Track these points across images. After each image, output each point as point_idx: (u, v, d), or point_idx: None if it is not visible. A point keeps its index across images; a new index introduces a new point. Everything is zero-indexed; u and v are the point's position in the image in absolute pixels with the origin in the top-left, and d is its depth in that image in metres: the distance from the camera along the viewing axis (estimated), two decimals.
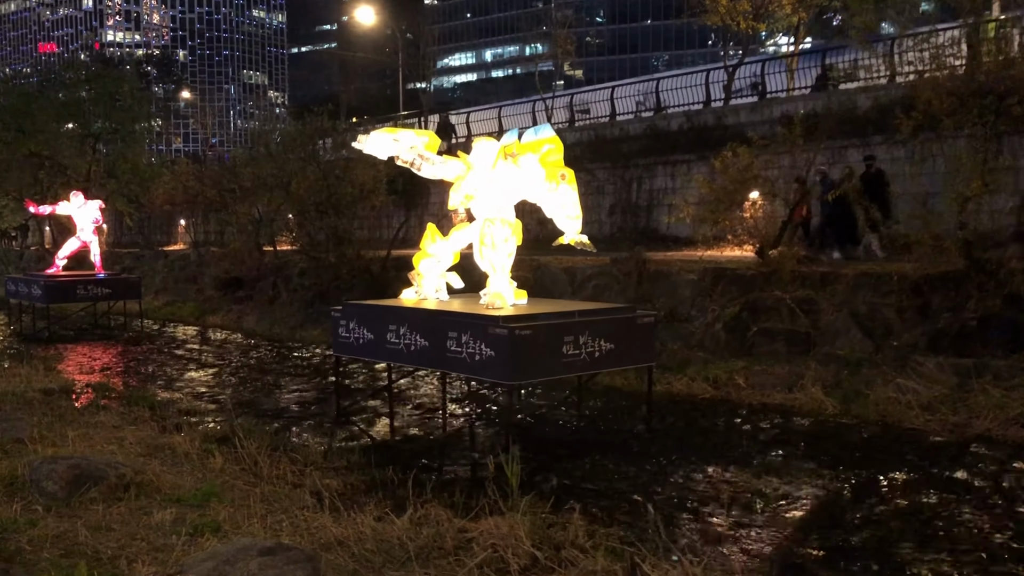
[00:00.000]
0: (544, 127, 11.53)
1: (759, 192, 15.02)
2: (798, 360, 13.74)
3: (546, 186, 10.85)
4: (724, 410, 12.42)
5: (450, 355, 10.46)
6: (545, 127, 11.53)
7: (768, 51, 59.54)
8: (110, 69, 39.48)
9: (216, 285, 28.38)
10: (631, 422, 12.02)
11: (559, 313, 10.56)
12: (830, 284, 14.54)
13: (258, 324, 23.81)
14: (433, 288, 12.24)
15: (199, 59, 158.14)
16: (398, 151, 11.64)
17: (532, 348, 9.92)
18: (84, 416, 11.64)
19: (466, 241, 11.92)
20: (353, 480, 8.93)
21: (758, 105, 21.76)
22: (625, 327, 10.90)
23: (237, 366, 17.84)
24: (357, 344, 11.94)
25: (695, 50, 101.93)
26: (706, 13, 25.09)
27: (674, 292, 16.30)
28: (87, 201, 24.16)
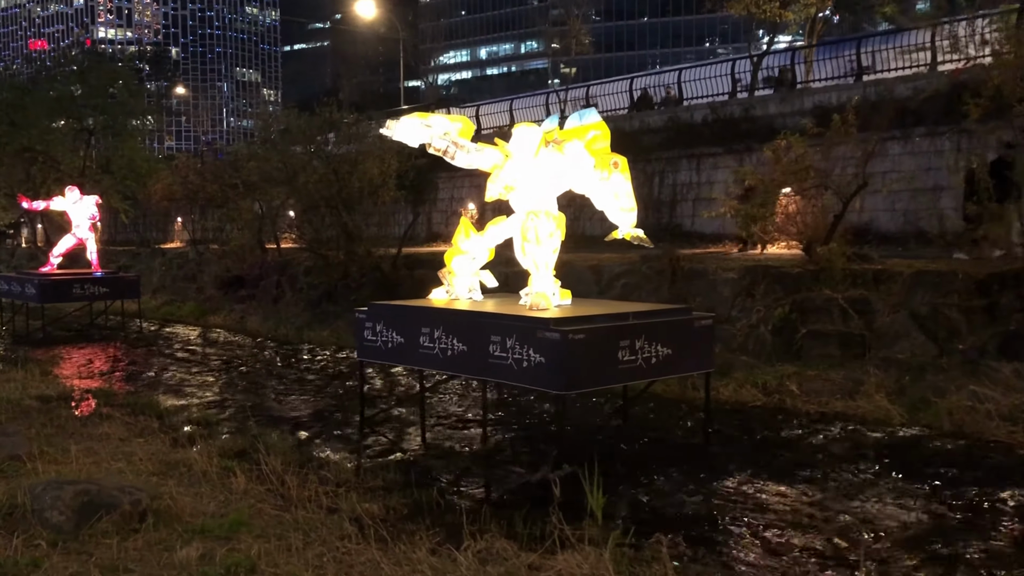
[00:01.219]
0: (589, 112, 10.56)
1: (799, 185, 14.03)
2: (853, 365, 12.81)
3: (596, 175, 9.88)
4: (781, 420, 11.48)
5: (493, 361, 9.48)
6: (591, 112, 10.56)
7: (778, 44, 58.87)
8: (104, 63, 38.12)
9: (217, 284, 27.34)
10: (685, 433, 11.07)
11: (612, 315, 9.60)
12: (884, 283, 13.59)
13: (262, 325, 22.79)
14: (466, 287, 11.25)
15: (192, 56, 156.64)
16: (430, 138, 10.66)
17: (586, 354, 8.95)
18: (87, 427, 10.64)
19: (503, 236, 10.93)
20: (394, 503, 7.95)
21: (788, 96, 20.82)
22: (683, 330, 9.93)
23: (245, 370, 16.83)
24: (385, 348, 10.94)
25: (691, 48, 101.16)
26: (730, 1, 24.16)
27: (712, 292, 15.35)
28: (83, 196, 23.12)
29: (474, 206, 27.01)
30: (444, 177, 27.54)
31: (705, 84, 24.19)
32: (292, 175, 20.90)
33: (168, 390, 14.55)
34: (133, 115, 35.10)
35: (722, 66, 24.66)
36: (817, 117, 19.74)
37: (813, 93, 20.21)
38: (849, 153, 14.54)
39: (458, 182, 27.60)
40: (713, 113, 21.76)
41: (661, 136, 22.51)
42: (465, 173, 27.50)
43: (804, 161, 13.67)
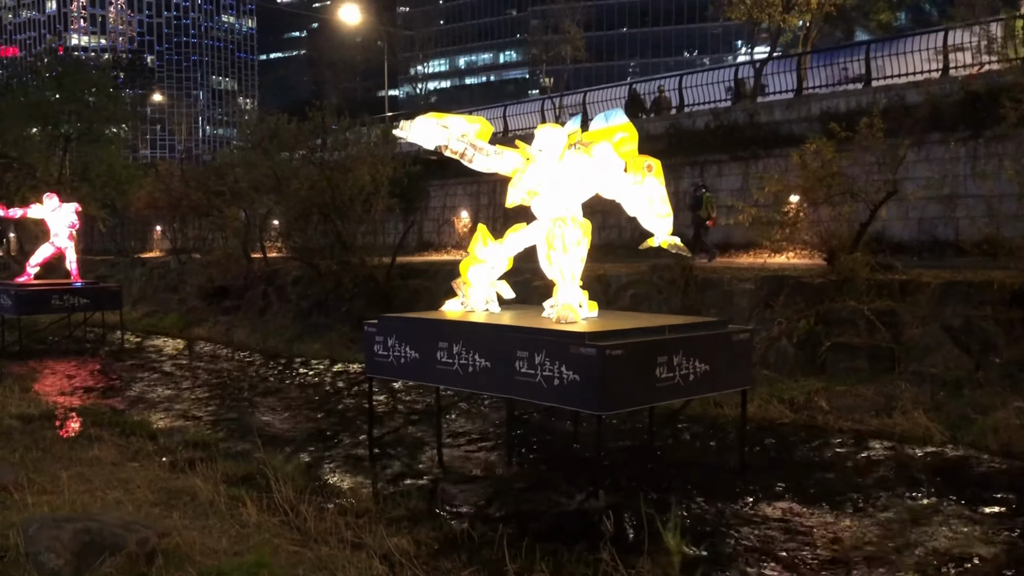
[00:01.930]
0: (616, 112, 9.95)
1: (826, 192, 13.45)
2: (884, 379, 12.24)
3: (628, 179, 9.27)
4: (815, 438, 10.88)
5: (520, 379, 8.80)
6: (617, 112, 9.95)
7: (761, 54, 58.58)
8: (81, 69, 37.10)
9: (200, 294, 26.44)
10: (718, 454, 10.44)
11: (647, 329, 8.96)
12: (911, 294, 13.05)
13: (250, 337, 21.95)
14: (482, 299, 10.58)
15: (167, 64, 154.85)
16: (447, 139, 9.99)
17: (624, 371, 8.29)
18: (75, 450, 9.85)
19: (524, 244, 10.27)
20: (423, 536, 7.24)
21: (794, 102, 20.34)
22: (721, 345, 9.31)
23: (236, 385, 16.04)
24: (398, 364, 10.23)
25: (671, 57, 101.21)
26: (731, 6, 23.70)
27: (728, 303, 14.75)
28: (62, 204, 22.22)
29: (467, 214, 26.36)
30: (436, 185, 26.86)
31: (703, 91, 23.69)
32: (283, 182, 20.11)
33: (158, 408, 13.74)
34: (112, 121, 34.15)
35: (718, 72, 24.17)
36: (825, 124, 19.38)
37: (821, 99, 19.73)
38: (874, 159, 13.99)
39: (450, 190, 26.93)
40: (716, 120, 21.25)
41: (662, 143, 21.89)
42: (457, 181, 26.89)
43: (831, 167, 13.11)
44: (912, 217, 17.44)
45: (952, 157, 17.04)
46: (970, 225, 16.78)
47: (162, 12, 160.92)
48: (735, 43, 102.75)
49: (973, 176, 16.64)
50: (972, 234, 16.76)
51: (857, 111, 18.78)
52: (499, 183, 25.39)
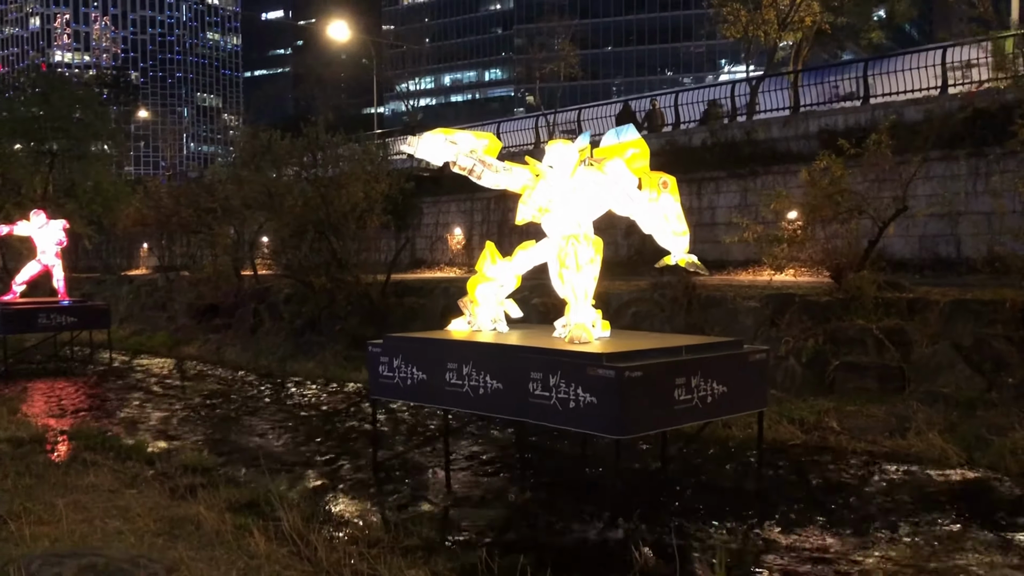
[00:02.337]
0: (627, 128, 9.76)
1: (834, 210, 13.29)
2: (894, 399, 12.06)
3: (644, 196, 9.06)
4: (829, 460, 10.66)
5: (534, 401, 8.55)
6: (628, 128, 9.76)
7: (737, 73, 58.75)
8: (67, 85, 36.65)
9: (189, 313, 26.05)
10: (733, 477, 10.19)
11: (664, 350, 8.72)
12: (919, 312, 12.90)
13: (241, 356, 21.59)
14: (490, 318, 10.33)
15: (152, 81, 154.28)
16: (455, 155, 9.81)
17: (643, 393, 8.06)
18: (70, 476, 9.48)
19: (534, 262, 10.05)
20: (440, 568, 6.95)
21: (792, 119, 20.27)
22: (738, 366, 9.10)
23: (231, 406, 15.68)
24: (404, 385, 9.96)
25: (655, 76, 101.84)
26: (726, 24, 23.67)
27: (732, 321, 14.56)
28: (49, 221, 21.84)
29: (460, 231, 26.13)
30: (428, 202, 26.64)
31: (697, 108, 23.62)
32: (277, 198, 19.82)
33: (152, 430, 13.38)
34: (99, 138, 33.73)
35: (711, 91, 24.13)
36: (823, 141, 19.30)
37: (819, 116, 19.66)
38: (877, 176, 13.87)
39: (443, 207, 26.70)
40: (712, 136, 21.14)
41: (658, 160, 21.68)
42: (451, 198, 26.70)
43: (840, 184, 12.97)
44: (913, 234, 17.33)
45: (953, 174, 16.96)
46: (972, 242, 16.70)
47: (147, 29, 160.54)
48: (718, 62, 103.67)
49: (976, 193, 16.59)
50: (974, 251, 16.70)
51: (856, 128, 18.76)
52: (493, 200, 25.28)
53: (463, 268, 25.54)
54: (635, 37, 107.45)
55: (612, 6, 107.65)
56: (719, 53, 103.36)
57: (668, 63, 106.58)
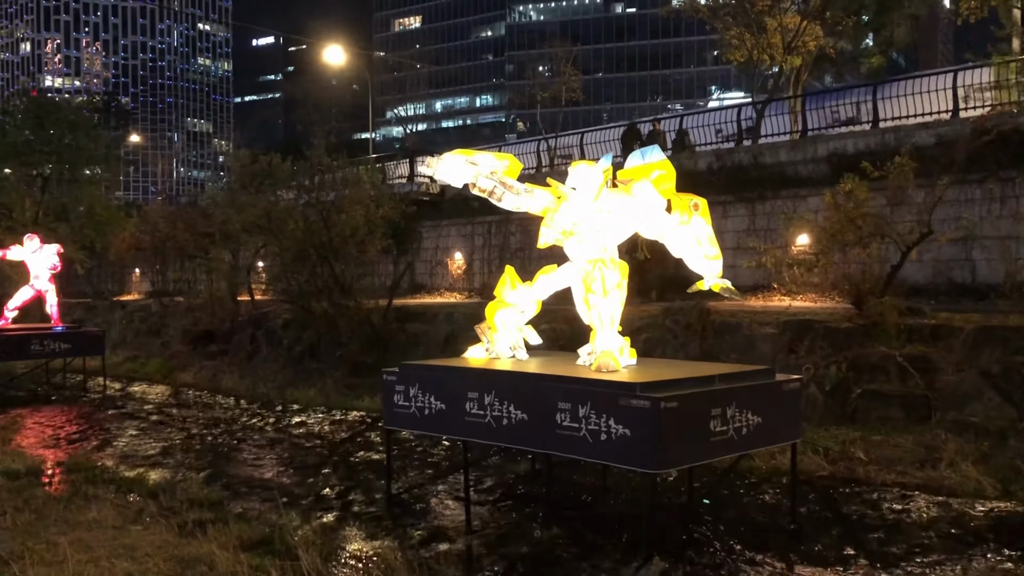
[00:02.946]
0: (652, 149, 9.46)
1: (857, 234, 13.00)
2: (920, 428, 11.72)
3: (674, 218, 8.76)
4: (860, 493, 10.29)
5: (561, 433, 8.17)
6: (654, 149, 9.46)
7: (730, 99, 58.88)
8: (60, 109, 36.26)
9: (184, 339, 25.56)
10: (763, 510, 9.80)
11: (697, 379, 8.36)
12: (943, 339, 12.60)
13: (239, 383, 21.11)
14: (508, 345, 9.97)
15: (142, 106, 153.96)
16: (475, 177, 9.47)
17: (679, 425, 7.69)
18: (71, 512, 9.04)
19: (556, 287, 9.71)
20: None
21: (800, 143, 20.04)
22: (772, 395, 8.75)
23: (232, 435, 15.21)
24: (421, 415, 9.56)
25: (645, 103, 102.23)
26: (730, 49, 23.56)
27: (750, 348, 14.23)
28: (43, 245, 21.41)
29: (461, 255, 25.79)
30: (428, 226, 26.30)
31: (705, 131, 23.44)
32: (277, 222, 19.45)
33: (152, 461, 12.90)
34: (93, 162, 33.35)
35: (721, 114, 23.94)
36: (832, 165, 19.09)
37: (828, 140, 19.43)
38: (898, 199, 13.62)
39: (443, 231, 26.37)
40: (719, 160, 20.90)
41: None
42: (451, 222, 26.39)
43: (862, 207, 12.70)
44: (926, 259, 17.05)
45: (968, 199, 16.74)
46: (988, 267, 16.48)
47: (137, 54, 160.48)
48: (708, 88, 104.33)
49: (991, 217, 16.37)
50: (990, 276, 16.46)
51: (866, 152, 18.52)
52: (494, 224, 24.98)
53: (464, 293, 25.19)
54: (626, 64, 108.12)
55: (603, 33, 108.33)
56: (709, 79, 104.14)
57: (659, 89, 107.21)
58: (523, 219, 24.22)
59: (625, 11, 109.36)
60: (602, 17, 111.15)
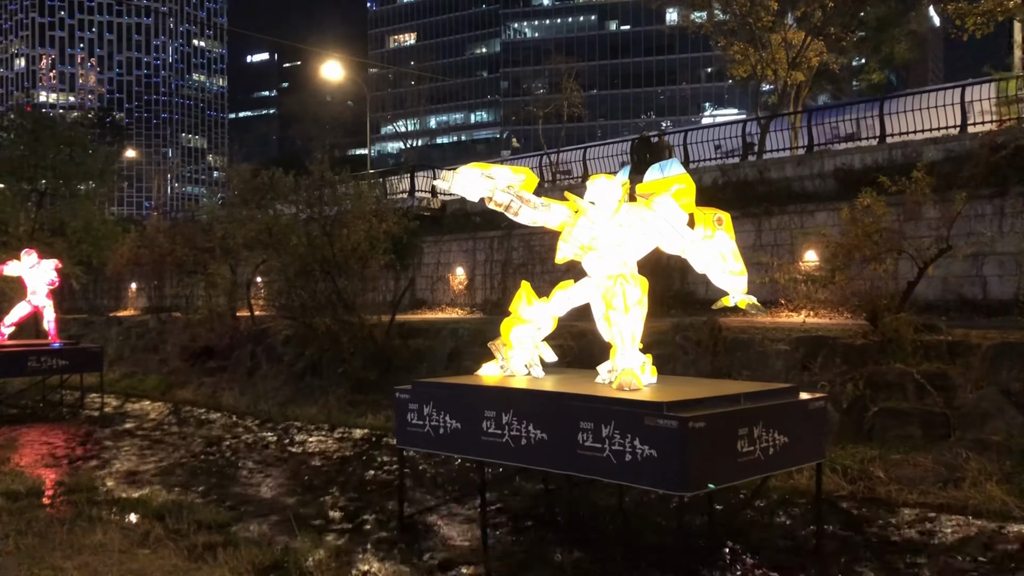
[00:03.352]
0: (672, 163, 9.31)
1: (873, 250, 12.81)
2: (940, 447, 11.50)
3: (698, 233, 8.57)
4: (883, 513, 10.07)
5: (583, 453, 7.95)
6: (673, 163, 9.30)
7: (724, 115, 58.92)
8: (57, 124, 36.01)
9: (183, 355, 25.24)
10: (786, 532, 9.57)
11: (723, 397, 8.15)
12: (961, 356, 12.43)
13: (239, 400, 20.82)
14: (524, 362, 9.76)
15: (137, 122, 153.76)
16: (491, 191, 9.29)
17: (707, 445, 7.48)
18: (75, 535, 8.76)
19: (573, 304, 9.50)
20: None
21: (806, 158, 19.92)
22: (798, 414, 8.55)
23: (235, 454, 14.93)
24: (435, 435, 9.32)
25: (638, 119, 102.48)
26: (734, 64, 23.47)
27: (762, 365, 14.03)
28: (40, 260, 21.14)
29: (463, 271, 25.57)
30: (429, 241, 26.09)
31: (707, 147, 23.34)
32: (279, 237, 19.23)
33: (156, 481, 12.60)
34: (89, 177, 33.07)
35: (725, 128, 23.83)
36: (839, 180, 18.98)
37: (834, 156, 19.32)
38: (909, 215, 13.46)
39: (444, 246, 26.16)
40: (724, 176, 20.77)
41: None
42: (452, 237, 26.18)
43: (880, 223, 12.54)
44: (936, 276, 16.86)
45: (978, 214, 16.60)
46: (999, 284, 16.34)
47: (132, 70, 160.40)
48: (702, 105, 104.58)
49: (1001, 233, 16.23)
50: (1001, 293, 16.32)
51: (873, 167, 18.43)
52: (496, 240, 24.79)
53: (466, 309, 24.96)
54: (620, 81, 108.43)
55: (597, 50, 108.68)
56: (703, 96, 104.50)
57: (652, 106, 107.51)
58: (526, 235, 24.06)
59: (619, 28, 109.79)
60: (596, 34, 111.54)
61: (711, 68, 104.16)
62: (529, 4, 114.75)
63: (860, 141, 21.84)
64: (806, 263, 18.58)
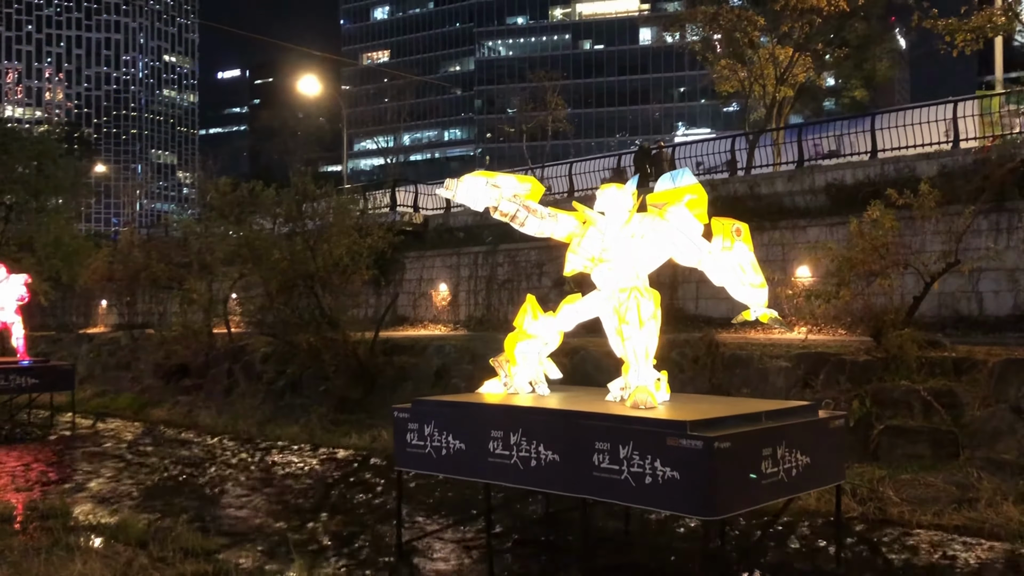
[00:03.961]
0: (683, 172, 8.97)
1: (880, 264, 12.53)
2: (950, 466, 11.22)
3: (716, 244, 8.23)
4: (898, 535, 9.74)
5: (599, 475, 7.54)
6: (684, 172, 8.97)
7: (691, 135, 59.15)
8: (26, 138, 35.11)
9: (156, 373, 24.56)
10: (803, 557, 9.19)
11: (744, 416, 7.78)
12: (966, 372, 12.18)
13: (216, 419, 20.17)
14: (527, 379, 9.35)
15: (106, 137, 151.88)
16: (496, 200, 8.91)
17: (733, 467, 7.10)
18: (53, 566, 8.18)
19: (582, 318, 9.12)
20: None
21: (796, 173, 19.73)
22: (819, 433, 8.20)
23: (216, 476, 14.33)
24: (437, 456, 8.86)
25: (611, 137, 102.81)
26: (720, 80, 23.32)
27: (762, 382, 13.71)
28: (9, 275, 20.46)
29: (446, 287, 25.11)
30: (412, 257, 25.59)
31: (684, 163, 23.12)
32: (260, 252, 18.67)
33: (135, 505, 12.00)
34: (60, 191, 32.24)
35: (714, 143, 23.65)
36: (831, 196, 18.80)
37: (825, 171, 19.14)
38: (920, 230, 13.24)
39: (427, 261, 25.67)
40: (713, 191, 20.40)
41: None
42: (436, 252, 25.71)
43: (886, 237, 12.28)
44: (932, 292, 16.69)
45: (974, 229, 16.41)
46: (995, 299, 16.16)
47: (101, 85, 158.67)
48: (675, 124, 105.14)
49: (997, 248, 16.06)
50: (997, 308, 16.14)
51: (865, 183, 18.28)
52: (480, 255, 24.35)
53: (449, 325, 24.48)
54: (593, 100, 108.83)
55: (571, 69, 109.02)
56: (676, 116, 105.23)
57: (626, 125, 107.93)
58: (511, 250, 23.66)
59: (593, 48, 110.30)
60: (571, 54, 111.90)
61: (684, 88, 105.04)
62: (504, 23, 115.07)
63: (841, 158, 21.72)
64: (798, 279, 18.36)
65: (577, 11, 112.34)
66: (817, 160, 23.01)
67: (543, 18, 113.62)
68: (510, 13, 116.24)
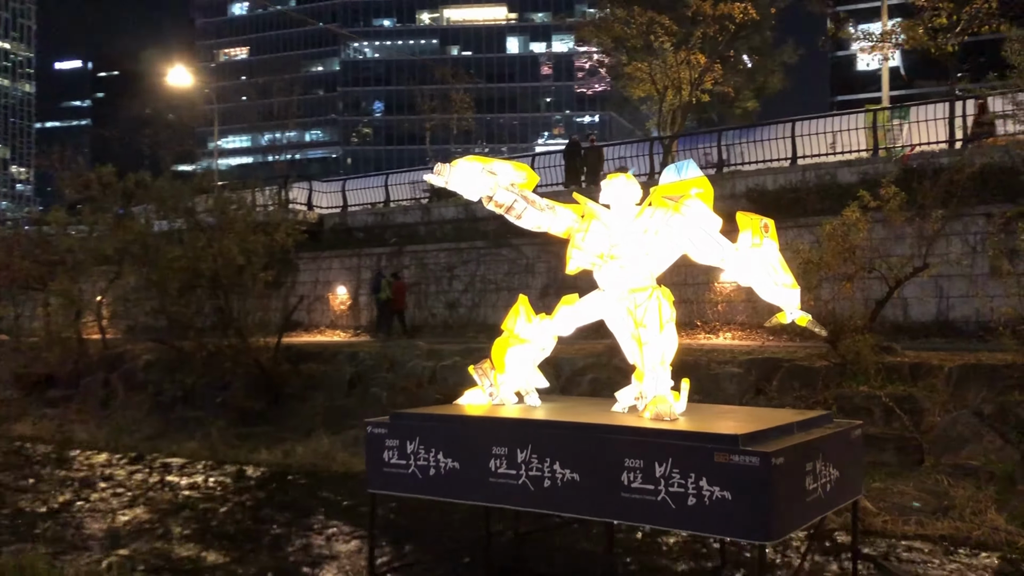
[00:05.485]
0: (687, 164, 8.35)
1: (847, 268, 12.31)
2: (917, 474, 11.06)
3: (744, 241, 7.58)
4: (890, 550, 9.38)
5: (630, 497, 6.71)
6: (689, 164, 8.34)
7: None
8: None
9: (16, 384, 22.09)
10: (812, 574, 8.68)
11: (776, 428, 7.13)
12: (923, 378, 12.12)
13: (95, 434, 18.21)
14: (515, 389, 8.44)
15: None
16: (492, 189, 7.97)
17: (787, 485, 6.45)
18: None
19: (584, 320, 8.27)
20: None
21: (716, 178, 19.61)
22: (845, 445, 7.67)
23: (115, 500, 12.64)
24: (423, 476, 7.80)
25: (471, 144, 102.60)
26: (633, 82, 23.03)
27: (713, 388, 13.25)
28: None
29: (345, 290, 23.73)
30: (306, 258, 24.08)
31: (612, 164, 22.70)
32: (153, 250, 16.90)
33: (21, 541, 10.26)
34: None
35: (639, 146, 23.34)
36: (753, 201, 18.75)
37: (746, 176, 19.14)
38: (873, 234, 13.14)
39: (323, 263, 24.21)
40: None
41: None
42: (333, 254, 24.32)
43: (853, 240, 12.05)
44: (858, 297, 16.65)
45: (898, 235, 16.61)
46: (919, 306, 16.36)
47: None
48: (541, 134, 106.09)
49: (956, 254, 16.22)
50: (921, 315, 16.35)
51: (787, 188, 18.37)
52: (384, 256, 23.13)
53: (349, 331, 23.14)
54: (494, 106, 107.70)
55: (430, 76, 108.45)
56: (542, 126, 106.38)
57: (493, 135, 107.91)
58: (419, 252, 22.58)
59: (461, 54, 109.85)
60: (438, 58, 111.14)
61: (549, 98, 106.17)
62: (370, 24, 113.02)
63: (729, 167, 21.68)
64: (722, 283, 18.21)
65: (445, 16, 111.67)
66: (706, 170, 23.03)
67: (410, 21, 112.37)
68: (376, 15, 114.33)
